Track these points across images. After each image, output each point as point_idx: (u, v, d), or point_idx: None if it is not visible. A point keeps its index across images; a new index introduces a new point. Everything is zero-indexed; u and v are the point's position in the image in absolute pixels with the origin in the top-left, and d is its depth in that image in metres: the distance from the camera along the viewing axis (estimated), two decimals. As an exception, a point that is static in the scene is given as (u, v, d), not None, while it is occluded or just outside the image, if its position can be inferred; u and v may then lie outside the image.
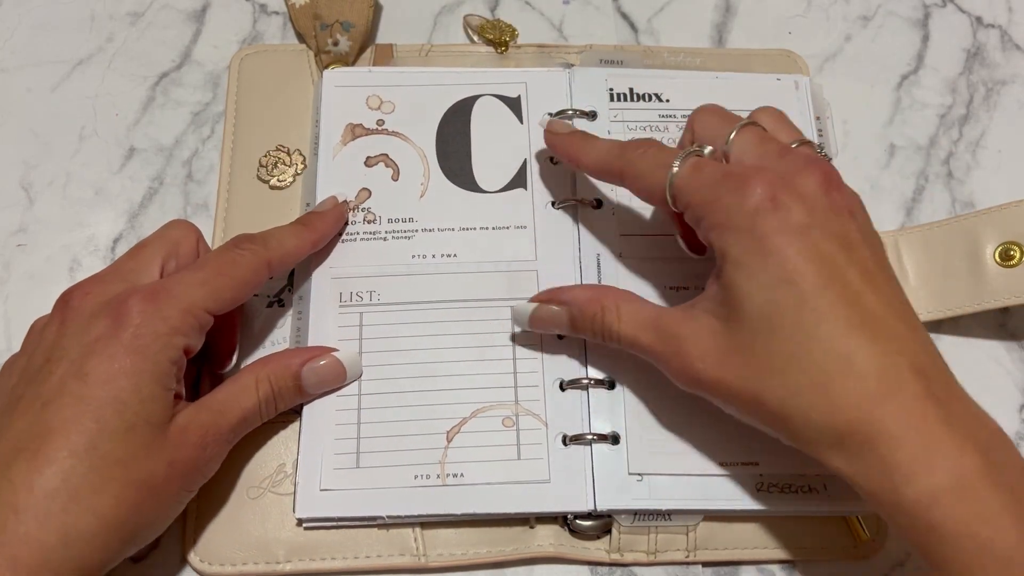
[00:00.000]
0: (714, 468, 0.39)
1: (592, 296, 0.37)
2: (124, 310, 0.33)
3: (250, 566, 0.38)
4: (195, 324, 0.34)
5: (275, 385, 0.37)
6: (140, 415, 0.32)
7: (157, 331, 0.33)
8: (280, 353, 0.39)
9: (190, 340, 0.34)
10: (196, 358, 0.37)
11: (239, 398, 0.36)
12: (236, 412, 0.36)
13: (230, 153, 0.46)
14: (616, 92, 0.46)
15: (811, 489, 0.38)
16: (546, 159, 0.45)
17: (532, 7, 0.52)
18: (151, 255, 0.36)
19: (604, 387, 0.40)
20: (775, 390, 0.31)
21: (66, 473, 0.31)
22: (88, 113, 0.48)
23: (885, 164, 0.48)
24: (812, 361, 0.31)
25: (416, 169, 0.44)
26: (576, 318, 0.37)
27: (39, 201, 0.46)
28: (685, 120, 0.38)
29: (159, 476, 0.33)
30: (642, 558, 0.39)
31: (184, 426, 0.34)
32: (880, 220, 0.46)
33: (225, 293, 0.36)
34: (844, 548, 0.40)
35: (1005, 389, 0.44)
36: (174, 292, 0.34)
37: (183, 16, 0.50)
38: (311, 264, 0.42)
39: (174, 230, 0.38)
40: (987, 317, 0.45)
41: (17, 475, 0.30)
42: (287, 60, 0.48)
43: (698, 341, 0.33)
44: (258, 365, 0.38)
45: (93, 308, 0.34)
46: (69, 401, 0.31)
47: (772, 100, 0.42)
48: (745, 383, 0.32)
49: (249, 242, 0.38)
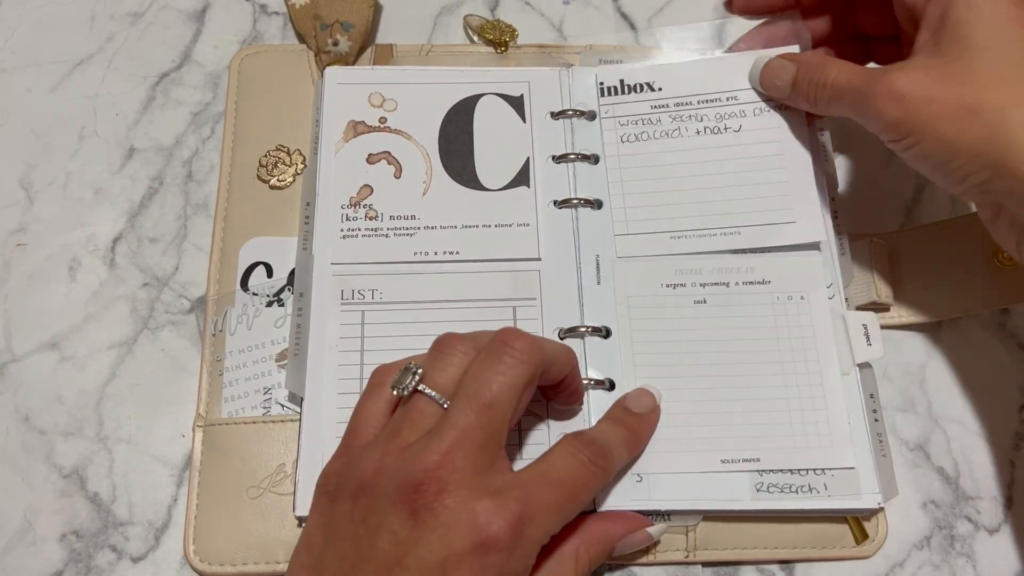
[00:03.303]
0: (715, 465, 0.38)
1: (814, 58, 0.42)
2: (491, 538, 0.29)
3: (250, 566, 0.38)
4: (538, 551, 0.32)
5: (592, 557, 0.35)
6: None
7: (515, 570, 0.31)
8: (597, 523, 0.36)
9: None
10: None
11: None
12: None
13: (230, 153, 0.46)
14: (607, 86, 0.46)
15: (811, 489, 0.38)
16: (549, 158, 0.45)
17: (532, 7, 0.52)
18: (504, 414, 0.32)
19: (604, 387, 0.40)
20: (997, 99, 0.34)
21: None
22: (88, 113, 0.48)
23: (885, 164, 0.49)
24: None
25: (418, 167, 0.44)
26: (800, 71, 0.41)
27: (39, 201, 0.46)
28: (677, 110, 0.39)
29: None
30: (642, 558, 0.39)
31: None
32: (880, 220, 0.47)
33: (569, 518, 0.33)
34: (844, 548, 0.40)
35: (1005, 389, 0.44)
36: (537, 520, 0.31)
37: (183, 16, 0.50)
38: (311, 261, 0.42)
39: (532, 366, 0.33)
40: (987, 317, 0.45)
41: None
42: (287, 60, 0.48)
43: (909, 71, 0.36)
44: (577, 536, 0.35)
45: (457, 513, 0.30)
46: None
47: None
48: (962, 97, 0.34)
49: (601, 458, 0.34)
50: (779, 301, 0.41)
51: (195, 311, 0.44)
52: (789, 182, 0.43)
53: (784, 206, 0.42)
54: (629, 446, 0.37)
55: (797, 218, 0.42)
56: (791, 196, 0.43)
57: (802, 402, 0.39)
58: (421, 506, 0.30)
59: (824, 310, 0.41)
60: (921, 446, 0.43)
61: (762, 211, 0.42)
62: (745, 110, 0.44)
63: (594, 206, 0.44)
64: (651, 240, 0.43)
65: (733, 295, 0.41)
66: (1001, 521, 0.42)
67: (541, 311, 0.41)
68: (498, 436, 0.32)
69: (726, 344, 0.41)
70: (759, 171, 0.43)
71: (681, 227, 0.43)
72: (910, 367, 0.44)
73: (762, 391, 0.40)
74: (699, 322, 0.41)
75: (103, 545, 0.40)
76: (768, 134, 0.44)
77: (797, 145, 0.43)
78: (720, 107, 0.44)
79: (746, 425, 0.39)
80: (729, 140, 0.44)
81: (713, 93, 0.45)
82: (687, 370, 0.40)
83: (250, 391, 0.41)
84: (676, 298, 0.41)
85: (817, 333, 0.41)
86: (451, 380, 0.33)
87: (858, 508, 0.39)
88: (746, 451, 0.39)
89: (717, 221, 0.43)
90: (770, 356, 0.40)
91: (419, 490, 0.30)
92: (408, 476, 0.30)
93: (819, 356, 0.40)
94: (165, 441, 0.42)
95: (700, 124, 0.44)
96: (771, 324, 0.41)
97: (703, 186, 0.43)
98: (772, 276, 0.42)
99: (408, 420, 0.32)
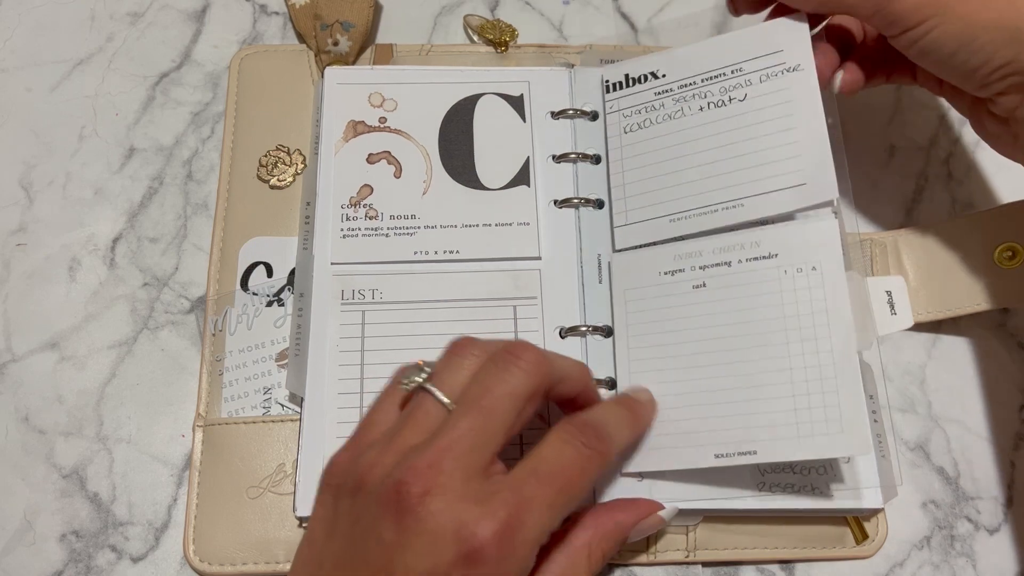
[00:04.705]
0: (711, 459, 0.37)
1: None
2: (477, 549, 0.29)
3: (250, 566, 0.38)
4: (535, 551, 0.31)
5: (605, 551, 0.34)
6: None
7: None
8: (607, 514, 0.36)
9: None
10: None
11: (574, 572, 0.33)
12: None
13: (230, 153, 0.46)
14: (612, 83, 0.45)
15: (813, 488, 0.38)
16: (549, 157, 0.45)
17: (532, 7, 0.52)
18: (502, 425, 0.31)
19: (604, 386, 0.40)
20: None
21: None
22: (88, 113, 0.48)
23: (885, 164, 0.49)
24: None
25: (418, 166, 0.44)
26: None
27: (39, 201, 0.46)
28: (681, 92, 0.38)
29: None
30: (642, 558, 0.39)
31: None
32: (880, 220, 0.47)
33: (567, 511, 0.32)
34: (844, 548, 0.40)
35: (1005, 389, 0.44)
36: (528, 523, 0.30)
37: (183, 16, 0.50)
38: (311, 260, 0.42)
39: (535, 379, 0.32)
40: (987, 317, 0.45)
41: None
42: (287, 60, 0.48)
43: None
44: (586, 529, 0.34)
45: (442, 519, 0.29)
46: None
47: (769, 45, 0.42)
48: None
49: (598, 441, 0.33)
50: (787, 275, 0.38)
51: (195, 311, 0.44)
52: (799, 142, 0.40)
53: (794, 168, 0.39)
54: (630, 424, 0.36)
55: (807, 179, 0.39)
56: (801, 157, 0.39)
57: (809, 385, 0.36)
58: (405, 509, 0.29)
59: (840, 278, 0.37)
60: (921, 446, 0.43)
61: (768, 178, 0.40)
62: (751, 79, 0.41)
63: (596, 206, 0.44)
64: (649, 227, 0.41)
65: (736, 275, 0.39)
66: (1001, 521, 0.42)
67: (541, 310, 0.41)
68: (493, 442, 0.31)
69: (725, 329, 0.38)
70: (766, 135, 0.40)
71: (680, 208, 0.41)
72: (910, 367, 0.44)
73: (764, 376, 0.37)
74: (697, 308, 0.39)
75: (103, 545, 0.40)
76: (776, 96, 0.41)
77: (808, 104, 0.40)
78: (724, 81, 0.42)
79: (743, 415, 0.37)
80: (734, 110, 0.41)
81: (717, 69, 0.42)
82: (686, 361, 0.38)
83: (250, 391, 0.41)
84: (673, 285, 0.40)
85: (830, 306, 0.37)
86: (459, 383, 0.32)
87: (859, 508, 0.39)
88: (742, 444, 0.37)
89: (718, 196, 0.40)
90: (775, 338, 0.37)
91: (403, 492, 0.29)
92: (395, 477, 0.29)
93: (831, 333, 0.36)
94: (165, 441, 0.42)
95: (704, 101, 0.42)
96: (777, 302, 0.38)
97: (704, 162, 0.41)
98: (779, 248, 0.38)
99: (411, 420, 0.32)
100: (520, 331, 0.41)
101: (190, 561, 0.39)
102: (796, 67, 0.41)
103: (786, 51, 0.41)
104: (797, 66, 0.41)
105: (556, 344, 0.41)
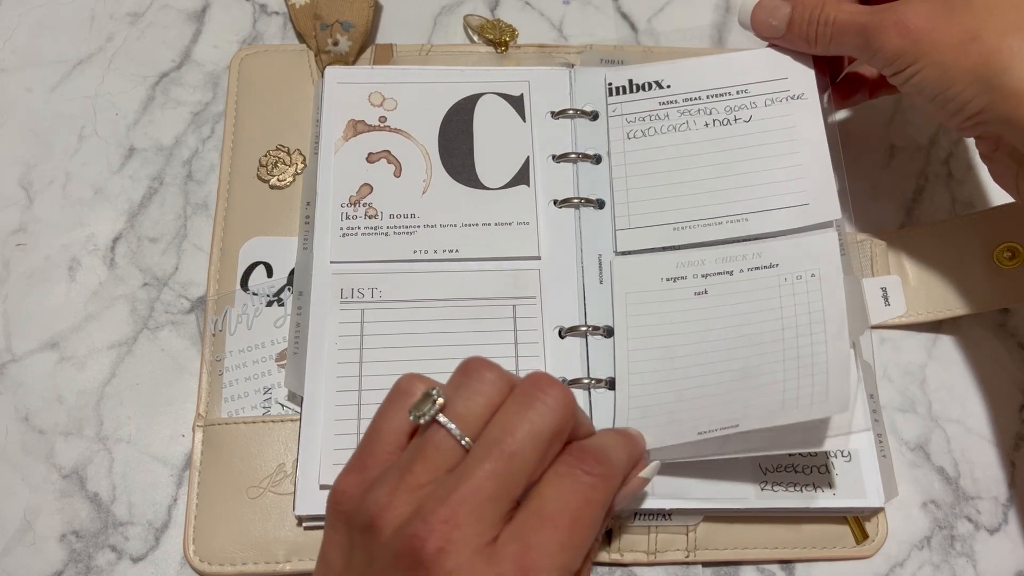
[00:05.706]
0: (693, 435, 0.36)
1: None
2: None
3: (250, 566, 0.38)
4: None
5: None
6: None
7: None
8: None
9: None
10: None
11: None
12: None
13: (230, 153, 0.46)
14: (615, 86, 0.45)
15: (813, 488, 0.38)
16: (549, 157, 0.45)
17: (532, 7, 0.52)
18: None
19: (604, 386, 0.40)
20: (996, 26, 0.35)
21: None
22: (88, 113, 0.48)
23: (885, 164, 0.49)
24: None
25: (418, 166, 0.44)
26: (796, 10, 0.41)
27: (39, 201, 0.46)
28: (686, 105, 0.38)
29: None
30: (642, 558, 0.39)
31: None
32: (880, 220, 0.47)
33: (586, 547, 0.30)
34: (844, 548, 0.40)
35: (1005, 389, 0.44)
36: (543, 570, 0.28)
37: (183, 16, 0.50)
38: (310, 259, 0.42)
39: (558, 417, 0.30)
40: (987, 317, 0.45)
41: None
42: (287, 60, 0.48)
43: (914, 5, 0.37)
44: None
45: (452, 574, 0.27)
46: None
47: (774, 71, 0.43)
48: (962, 25, 0.36)
49: (599, 464, 0.30)
50: (787, 282, 0.39)
51: (195, 311, 0.44)
52: (802, 166, 0.41)
53: (798, 189, 0.41)
54: (626, 447, 0.35)
55: (811, 200, 0.41)
56: (804, 179, 0.41)
57: (800, 371, 0.37)
58: (419, 565, 0.27)
59: (837, 281, 0.38)
60: (921, 446, 0.43)
61: (771, 196, 0.41)
62: (756, 102, 0.43)
63: (596, 205, 0.44)
64: (653, 233, 0.42)
65: (737, 283, 0.40)
66: (1001, 521, 0.42)
67: (541, 310, 0.41)
68: (513, 491, 0.29)
69: (725, 332, 0.39)
70: (770, 157, 0.42)
71: (685, 218, 0.41)
72: (910, 367, 0.44)
73: (758, 370, 0.38)
74: (698, 313, 0.40)
75: (103, 545, 0.40)
76: (780, 121, 0.42)
77: (811, 129, 0.42)
78: (730, 100, 0.43)
79: (733, 399, 0.37)
80: (739, 130, 0.43)
81: (723, 88, 0.43)
82: (684, 361, 0.39)
83: (250, 391, 0.41)
84: (675, 291, 0.40)
85: (826, 305, 0.38)
86: (474, 415, 0.30)
87: (859, 507, 0.39)
88: (726, 420, 0.36)
89: (723, 209, 0.41)
90: (772, 337, 0.38)
91: (417, 548, 0.27)
92: (409, 531, 0.28)
93: (826, 328, 0.37)
94: (165, 441, 0.42)
95: (709, 117, 0.43)
96: (776, 305, 0.39)
97: (709, 176, 0.42)
98: (781, 259, 0.40)
99: (423, 455, 0.30)
100: (519, 331, 0.41)
101: (190, 561, 0.39)
102: (800, 95, 0.43)
103: (791, 79, 0.43)
104: (801, 95, 0.43)
105: (555, 344, 0.41)
